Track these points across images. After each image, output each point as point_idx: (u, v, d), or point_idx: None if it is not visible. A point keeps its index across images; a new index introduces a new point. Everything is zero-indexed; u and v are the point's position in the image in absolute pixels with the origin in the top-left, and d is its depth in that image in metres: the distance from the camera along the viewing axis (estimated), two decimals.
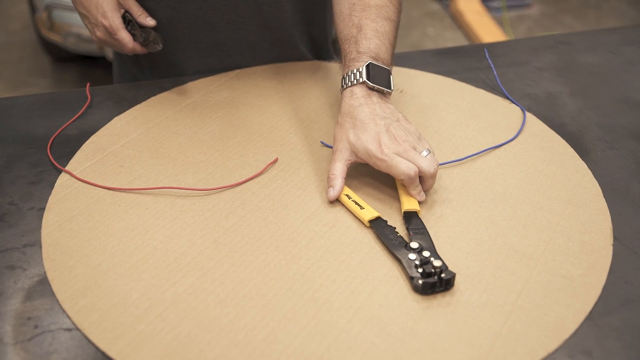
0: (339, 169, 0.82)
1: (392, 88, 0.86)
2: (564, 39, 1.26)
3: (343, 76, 0.87)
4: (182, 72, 1.12)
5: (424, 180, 0.81)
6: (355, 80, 0.85)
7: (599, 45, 1.24)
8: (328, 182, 0.82)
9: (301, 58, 1.15)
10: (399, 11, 0.93)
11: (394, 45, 0.90)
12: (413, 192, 0.80)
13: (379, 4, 0.90)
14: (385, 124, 0.81)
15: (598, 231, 0.79)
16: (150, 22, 1.00)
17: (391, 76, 0.87)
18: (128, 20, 1.01)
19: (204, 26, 1.07)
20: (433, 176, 0.80)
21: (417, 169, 0.78)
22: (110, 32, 0.99)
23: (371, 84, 0.83)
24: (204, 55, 1.11)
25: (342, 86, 0.86)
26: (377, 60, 0.86)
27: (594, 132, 0.98)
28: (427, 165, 0.79)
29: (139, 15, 1.00)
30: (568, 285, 0.71)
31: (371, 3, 0.90)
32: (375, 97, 0.84)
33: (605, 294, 0.71)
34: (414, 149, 0.80)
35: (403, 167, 0.78)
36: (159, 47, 0.99)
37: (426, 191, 0.82)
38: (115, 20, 0.98)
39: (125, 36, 0.99)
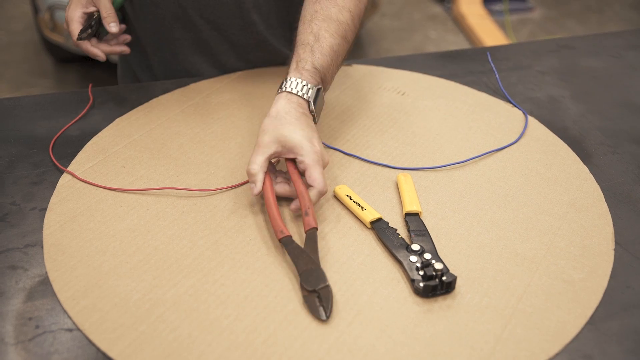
0: (260, 163, 0.79)
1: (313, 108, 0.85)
2: (566, 42, 1.26)
3: (290, 78, 0.85)
4: (172, 71, 1.12)
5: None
6: (301, 93, 0.83)
7: (601, 50, 1.24)
8: (249, 178, 0.80)
9: (285, 61, 1.14)
10: (355, 34, 0.93)
11: (339, 67, 0.91)
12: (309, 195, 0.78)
13: (341, 20, 0.90)
14: (314, 134, 0.81)
15: (599, 235, 0.79)
16: (112, 28, 0.97)
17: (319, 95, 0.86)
18: (97, 20, 0.98)
19: (186, 24, 1.08)
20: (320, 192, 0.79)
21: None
22: (66, 21, 0.99)
23: (311, 108, 0.84)
24: (189, 54, 1.11)
25: (285, 87, 0.84)
26: (323, 82, 0.87)
27: (596, 137, 0.98)
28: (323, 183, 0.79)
29: (105, 18, 0.97)
30: (569, 290, 0.71)
31: (333, 16, 0.89)
32: (307, 111, 0.84)
33: (606, 299, 0.71)
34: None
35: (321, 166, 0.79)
36: (101, 56, 0.99)
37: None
38: (73, 13, 0.98)
39: (74, 29, 0.97)
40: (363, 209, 0.80)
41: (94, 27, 0.98)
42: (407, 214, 0.80)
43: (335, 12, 0.89)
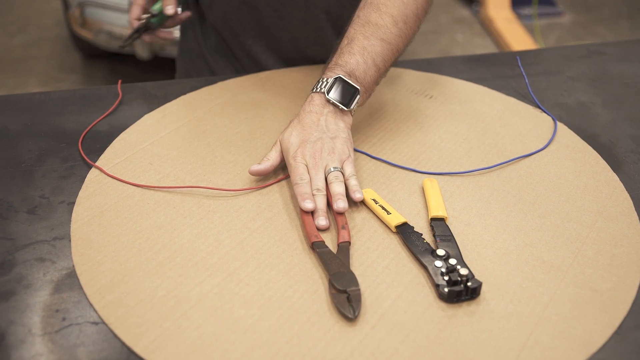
0: (273, 156, 0.86)
1: (350, 107, 0.87)
2: (597, 48, 1.25)
3: (317, 80, 0.89)
4: (229, 49, 1.17)
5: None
6: (319, 89, 0.87)
7: (633, 56, 1.22)
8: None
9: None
10: (403, 37, 0.92)
11: (380, 67, 0.90)
12: (301, 203, 0.79)
13: (380, 24, 0.90)
14: (319, 136, 0.84)
15: (629, 245, 0.78)
16: (169, 10, 1.05)
17: (358, 95, 0.87)
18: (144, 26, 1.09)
19: (251, 9, 1.10)
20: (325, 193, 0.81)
21: (308, 182, 0.81)
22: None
23: (327, 96, 0.86)
24: (249, 36, 1.14)
25: (311, 89, 0.89)
26: (350, 76, 0.87)
27: (626, 144, 0.96)
28: (319, 184, 0.81)
29: (164, 1, 1.06)
30: (596, 299, 0.70)
31: (372, 20, 0.90)
32: (328, 110, 0.86)
33: (634, 309, 0.70)
34: (325, 167, 0.82)
35: (296, 176, 0.81)
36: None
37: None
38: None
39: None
40: (388, 213, 0.80)
41: (141, 31, 1.09)
42: (433, 219, 0.80)
43: (375, 16, 0.91)
